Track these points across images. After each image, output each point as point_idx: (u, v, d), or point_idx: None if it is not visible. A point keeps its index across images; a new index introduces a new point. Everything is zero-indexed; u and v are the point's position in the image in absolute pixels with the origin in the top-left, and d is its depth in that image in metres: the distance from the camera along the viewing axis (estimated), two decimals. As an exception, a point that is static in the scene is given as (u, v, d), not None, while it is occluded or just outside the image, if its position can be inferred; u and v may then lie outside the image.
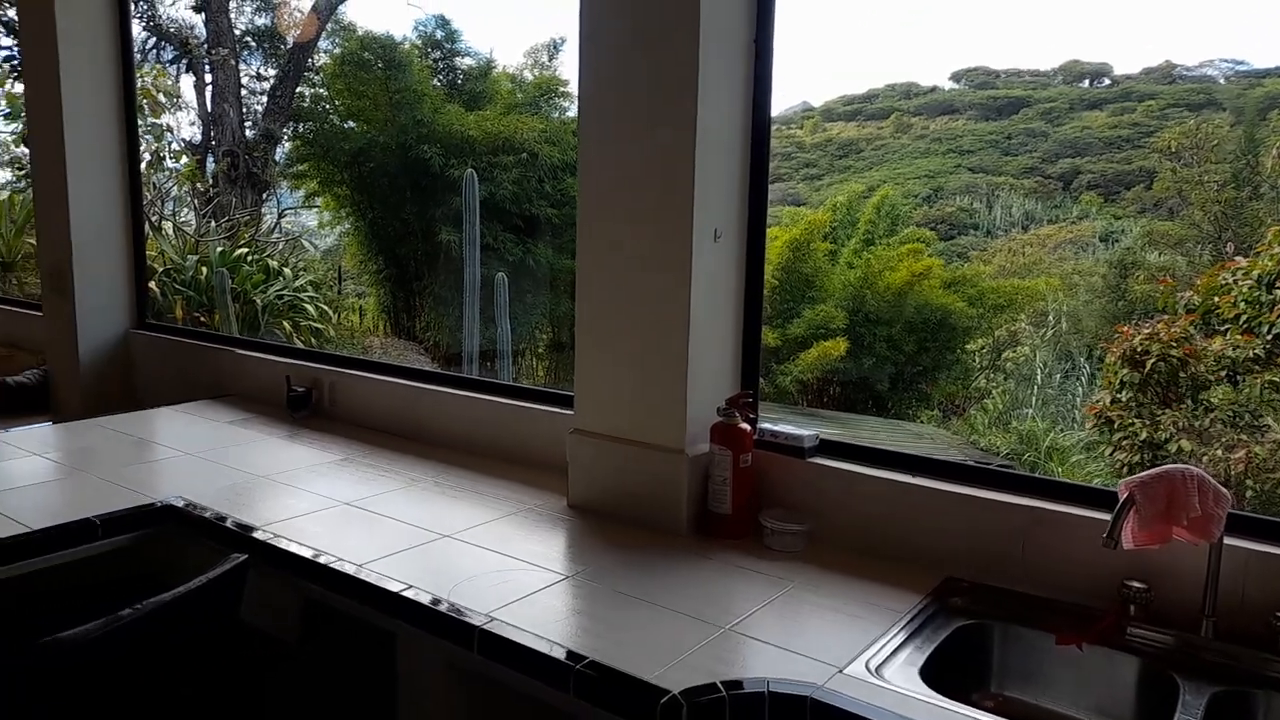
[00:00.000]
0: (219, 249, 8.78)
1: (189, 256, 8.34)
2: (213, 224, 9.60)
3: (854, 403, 11.76)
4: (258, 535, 1.94)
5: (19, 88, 10.27)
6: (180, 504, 2.13)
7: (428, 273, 12.74)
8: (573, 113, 12.80)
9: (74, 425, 2.97)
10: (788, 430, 2.02)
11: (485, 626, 1.55)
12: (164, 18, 12.18)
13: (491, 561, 1.85)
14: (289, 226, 13.00)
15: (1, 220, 8.85)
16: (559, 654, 1.47)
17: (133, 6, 3.78)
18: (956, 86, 22.03)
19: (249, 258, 9.08)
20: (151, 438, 2.79)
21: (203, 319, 8.25)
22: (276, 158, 12.43)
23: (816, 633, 1.59)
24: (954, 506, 1.80)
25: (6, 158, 11.64)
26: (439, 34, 13.12)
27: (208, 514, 2.07)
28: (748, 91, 2.03)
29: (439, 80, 13.27)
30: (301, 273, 10.53)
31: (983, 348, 12.40)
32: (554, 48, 13.98)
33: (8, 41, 9.99)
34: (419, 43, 13.06)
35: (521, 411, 2.51)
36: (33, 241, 9.28)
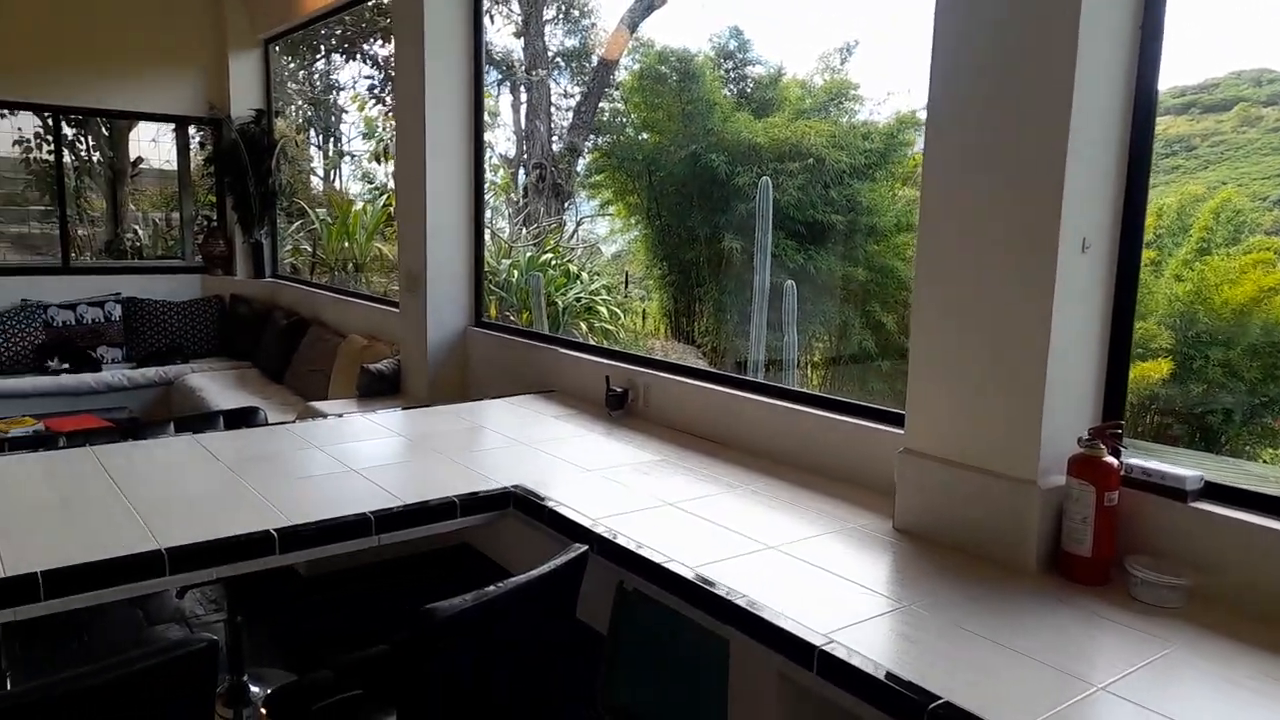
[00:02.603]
0: (528, 254, 9.54)
1: (502, 261, 9.15)
2: (523, 231, 10.46)
3: (1175, 434, 10.36)
4: (596, 529, 2.05)
5: (374, 111, 11.88)
6: (522, 491, 2.31)
7: (709, 278, 13.02)
8: (863, 116, 12.48)
9: (426, 410, 3.33)
10: (1164, 468, 1.78)
11: (825, 647, 1.51)
12: (490, 44, 13.53)
13: (821, 579, 1.81)
14: (585, 234, 13.86)
15: (355, 227, 10.26)
16: (908, 689, 1.39)
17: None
18: (1325, 70, 18.68)
19: (553, 262, 9.79)
20: (489, 426, 3.05)
21: (512, 318, 9.02)
22: (578, 169, 13.31)
23: (1208, 703, 1.38)
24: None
25: (359, 172, 13.51)
26: (732, 44, 13.35)
27: (548, 502, 2.22)
28: (1129, 80, 1.81)
29: (730, 89, 13.51)
30: (596, 277, 11.20)
31: (1351, 379, 10.39)
32: (846, 51, 13.68)
33: (369, 71, 11.59)
34: (712, 54, 13.37)
35: (843, 426, 2.45)
36: (380, 246, 10.68)
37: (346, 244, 10.20)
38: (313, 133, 12.34)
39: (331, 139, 12.63)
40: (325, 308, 5.58)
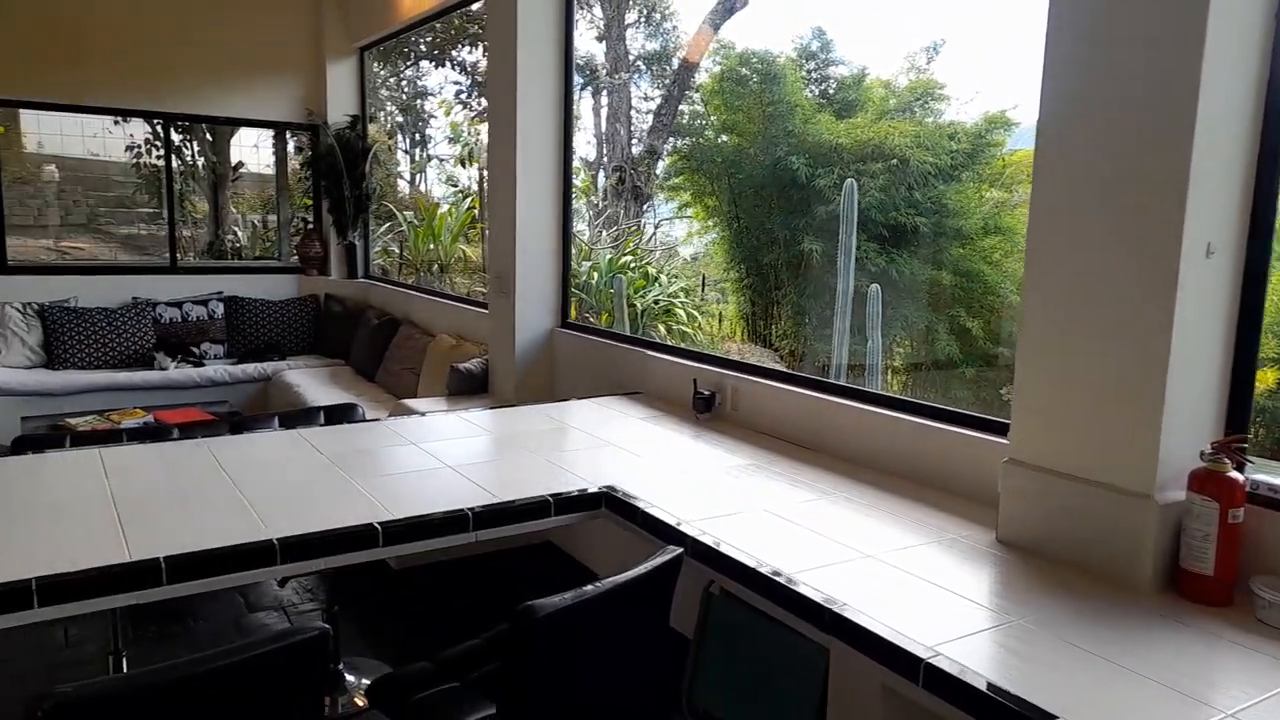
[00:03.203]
0: (607, 256, 9.61)
1: (583, 263, 9.25)
2: (603, 234, 10.55)
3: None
4: (690, 532, 2.05)
5: (459, 116, 12.14)
6: (615, 492, 2.33)
7: (788, 281, 12.91)
8: (949, 116, 12.20)
9: (515, 410, 3.39)
10: (1294, 485, 1.69)
11: (931, 660, 1.48)
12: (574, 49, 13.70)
13: (923, 590, 1.77)
14: (662, 236, 13.90)
15: (441, 230, 10.51)
16: (1021, 706, 1.35)
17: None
18: None
19: (631, 265, 9.84)
20: (577, 426, 3.08)
21: (591, 319, 9.10)
22: (657, 172, 13.36)
23: (1353, 740, 1.30)
24: None
25: (443, 176, 13.82)
26: (814, 45, 13.21)
27: (641, 504, 2.23)
28: (1262, 70, 1.72)
29: (811, 91, 13.37)
30: (674, 279, 11.21)
31: None
32: (933, 50, 13.39)
33: (456, 77, 11.87)
34: (794, 55, 13.26)
35: (940, 433, 2.39)
36: (463, 247, 10.91)
37: (432, 246, 10.46)
38: (400, 137, 12.69)
39: (418, 143, 12.96)
40: (415, 308, 5.73)
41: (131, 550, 1.81)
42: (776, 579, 1.79)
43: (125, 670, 2.79)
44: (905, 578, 1.82)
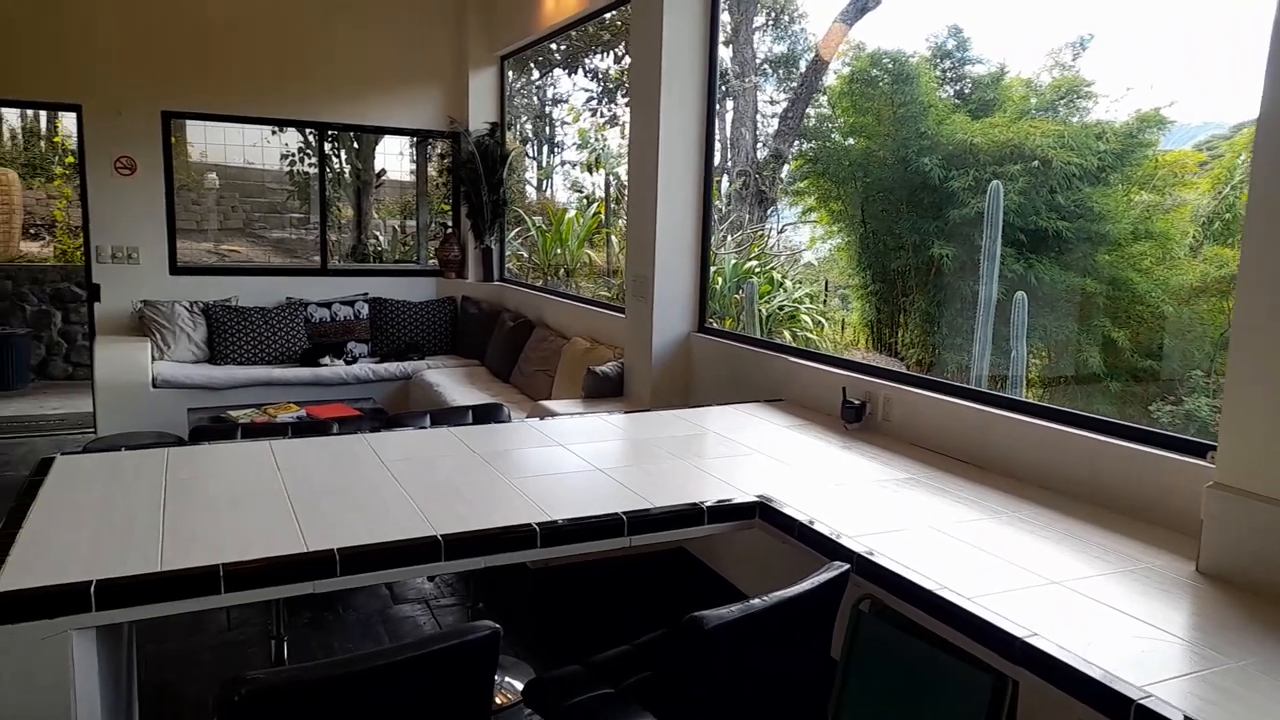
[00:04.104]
0: (731, 261, 9.53)
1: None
2: (727, 239, 10.48)
3: None
4: (854, 548, 1.96)
5: (587, 123, 12.32)
6: (770, 502, 2.26)
7: (916, 288, 12.49)
8: (1096, 115, 11.53)
9: (656, 414, 3.37)
10: None
11: (1143, 701, 1.35)
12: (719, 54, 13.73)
13: (1118, 623, 1.63)
14: (786, 241, 13.72)
15: (568, 234, 10.68)
16: (1256, 761, 1.21)
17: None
18: None
19: (756, 270, 9.73)
20: (721, 433, 3.03)
21: (714, 324, 9.03)
22: (781, 175, 13.19)
23: None
24: None
25: (569, 181, 14.07)
26: (950, 43, 12.75)
27: (799, 516, 2.16)
28: None
29: (946, 91, 12.92)
30: (799, 285, 11.03)
31: None
32: (1079, 46, 12.71)
33: (587, 84, 12.07)
34: (928, 54, 12.84)
35: (1122, 452, 2.22)
36: (589, 252, 11.05)
37: (559, 250, 10.65)
38: (530, 144, 12.98)
39: (547, 150, 13.23)
40: (548, 310, 5.82)
41: (308, 541, 1.87)
42: (957, 603, 1.69)
43: (285, 654, 2.92)
44: (1097, 608, 1.69)
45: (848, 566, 1.85)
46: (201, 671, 3.12)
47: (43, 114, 11.46)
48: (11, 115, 11.80)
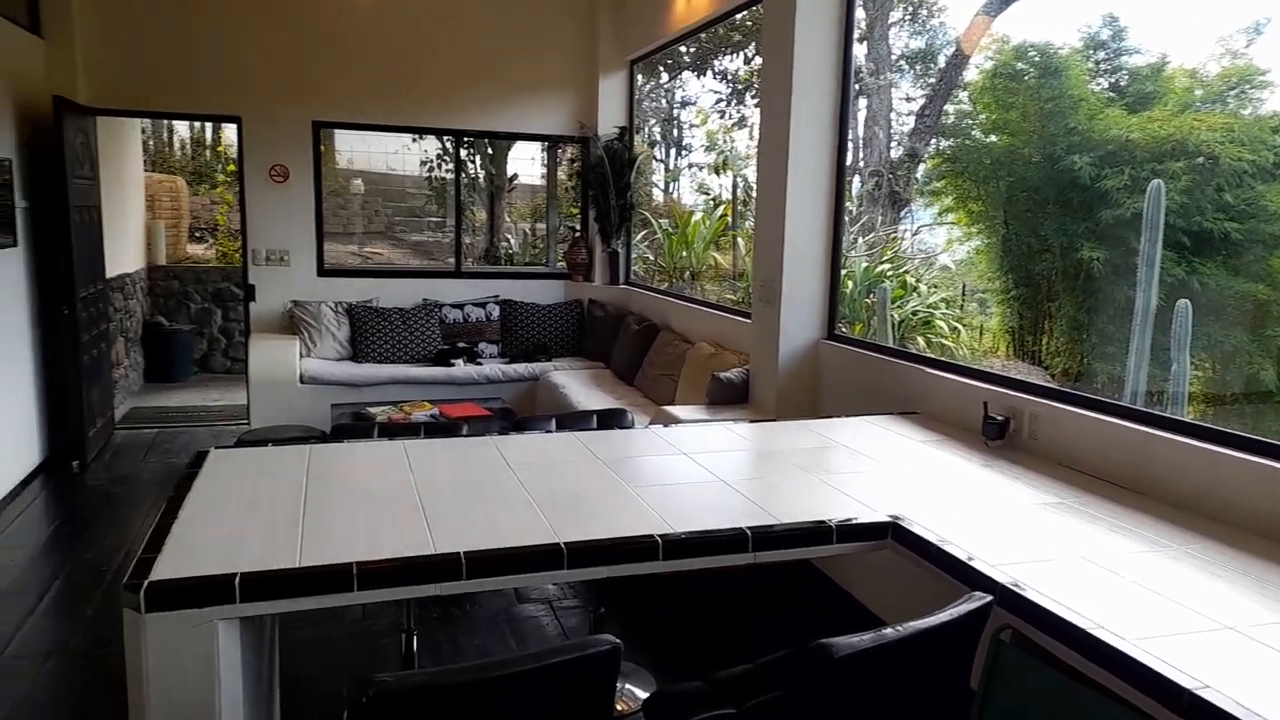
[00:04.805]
0: (863, 265, 9.26)
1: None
2: (858, 241, 10.19)
3: None
4: (998, 577, 1.83)
5: (714, 125, 12.26)
6: (904, 523, 2.15)
7: (1063, 293, 11.79)
8: (1271, 107, 10.56)
9: (783, 424, 3.28)
10: None
11: (1343, 777, 1.18)
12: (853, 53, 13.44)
13: (1310, 680, 1.45)
14: (920, 244, 13.24)
15: (694, 237, 10.65)
16: None
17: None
18: None
19: (888, 273, 9.42)
20: (851, 446, 2.92)
21: (844, 330, 8.79)
22: (917, 175, 12.73)
23: None
24: None
25: (695, 184, 14.03)
26: (1104, 33, 11.97)
27: (936, 540, 2.04)
28: None
29: (1099, 83, 12.14)
30: (933, 289, 10.61)
31: None
32: (1254, 31, 11.68)
33: (715, 86, 12.02)
34: (1080, 45, 12.10)
35: (1314, 484, 1.99)
36: (715, 255, 10.99)
37: (684, 253, 10.63)
38: (657, 147, 13.03)
39: (674, 152, 13.25)
40: (673, 314, 5.80)
41: (436, 543, 1.90)
42: (1119, 646, 1.54)
43: (415, 648, 3.01)
44: (1278, 659, 1.51)
45: (990, 599, 1.72)
46: (338, 660, 3.26)
47: (208, 126, 12.37)
48: (181, 127, 12.82)
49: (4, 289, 4.85)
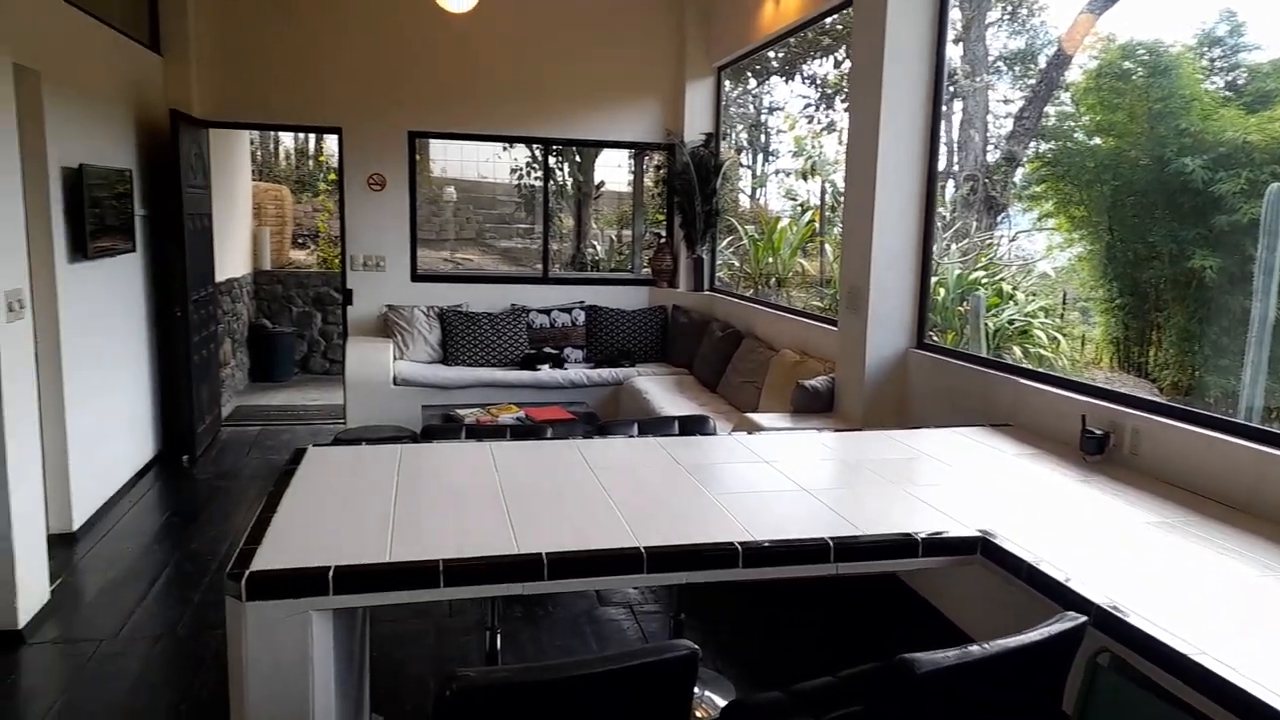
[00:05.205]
0: (955, 272, 9.02)
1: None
2: (951, 247, 9.93)
3: None
4: (1095, 599, 1.76)
5: (803, 129, 12.13)
6: (994, 539, 2.08)
7: (1172, 302, 11.21)
8: None
9: (868, 434, 3.22)
10: None
11: None
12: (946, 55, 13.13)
13: None
14: (1018, 250, 12.80)
15: (780, 243, 10.55)
16: None
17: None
18: None
19: (983, 281, 9.14)
20: (939, 458, 2.84)
21: (935, 338, 8.56)
22: (1014, 180, 12.32)
23: None
24: None
25: (782, 189, 13.91)
26: (1221, 29, 11.35)
27: (1028, 557, 1.97)
28: None
29: (1214, 82, 11.52)
30: (1032, 297, 10.25)
31: None
32: (1389, 23, 10.91)
33: (804, 90, 11.91)
34: (1193, 43, 11.51)
35: None
36: (802, 261, 10.86)
37: (770, 259, 10.54)
38: (744, 153, 12.98)
39: (761, 158, 13.17)
40: (758, 321, 5.76)
41: (519, 543, 1.94)
42: (1236, 681, 1.45)
43: (498, 646, 3.06)
44: None
45: (1084, 620, 1.66)
46: (425, 653, 3.35)
47: (311, 136, 12.93)
48: (286, 138, 13.43)
49: (125, 292, 5.17)
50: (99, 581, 3.89)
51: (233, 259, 7.84)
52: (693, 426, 3.20)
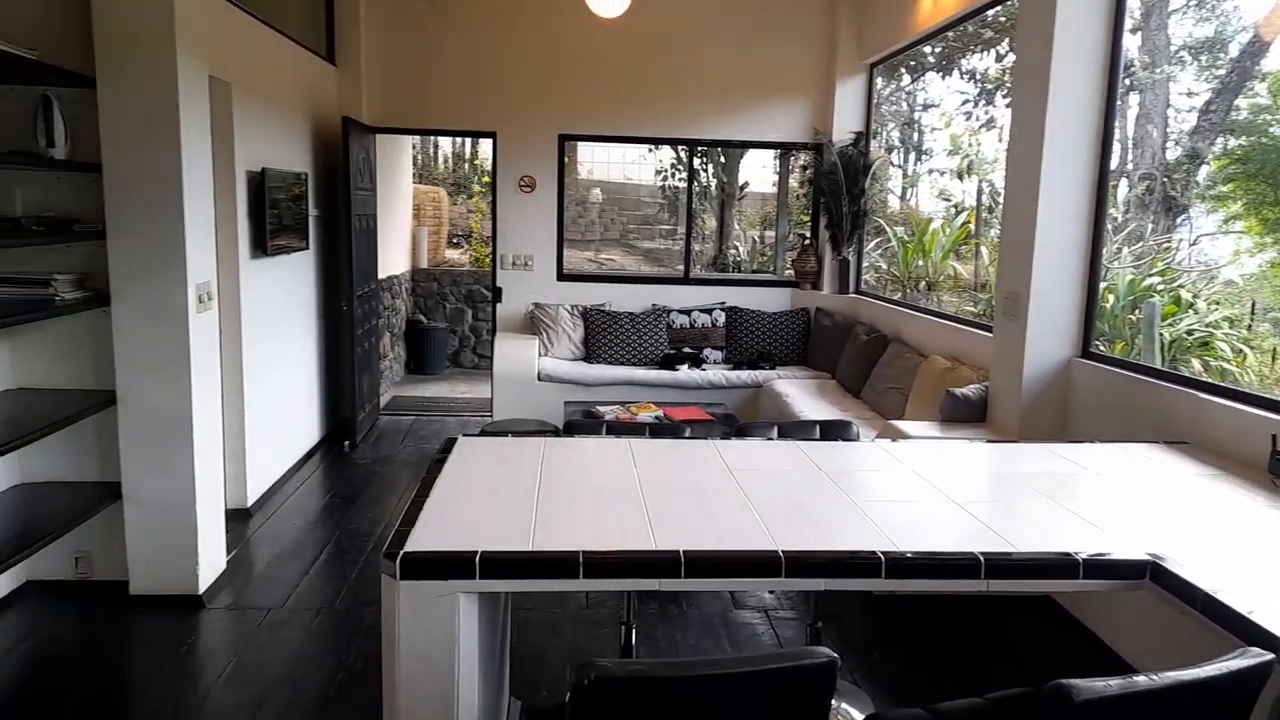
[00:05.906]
0: (1128, 277, 8.41)
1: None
2: (1123, 251, 9.27)
3: None
4: (1285, 634, 1.59)
5: (959, 127, 11.63)
6: (1165, 562, 1.92)
7: (1383, 314, 10.03)
8: None
9: (1024, 446, 3.04)
10: None
11: None
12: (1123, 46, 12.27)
13: None
14: (1200, 255, 11.79)
15: (932, 246, 10.15)
16: None
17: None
18: None
19: (1159, 287, 8.48)
20: (1101, 473, 2.65)
21: (1102, 348, 8.01)
22: (1197, 179, 11.36)
23: None
24: None
25: (935, 190, 13.38)
26: None
27: (1200, 583, 1.81)
28: None
29: None
30: (1214, 306, 9.41)
31: None
32: None
33: (961, 86, 11.41)
34: None
35: None
36: (955, 264, 10.42)
37: (921, 262, 10.17)
38: (895, 152, 12.57)
39: (913, 157, 12.72)
40: (906, 326, 5.56)
41: (657, 540, 1.95)
42: None
43: (633, 640, 3.10)
44: None
45: (1272, 658, 1.50)
46: (562, 642, 3.43)
47: (467, 141, 13.50)
48: (444, 143, 14.09)
49: (300, 287, 5.57)
50: (268, 555, 4.21)
51: (393, 257, 8.31)
52: (835, 431, 3.13)
